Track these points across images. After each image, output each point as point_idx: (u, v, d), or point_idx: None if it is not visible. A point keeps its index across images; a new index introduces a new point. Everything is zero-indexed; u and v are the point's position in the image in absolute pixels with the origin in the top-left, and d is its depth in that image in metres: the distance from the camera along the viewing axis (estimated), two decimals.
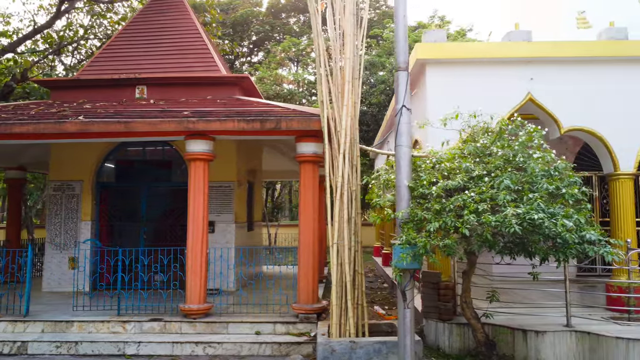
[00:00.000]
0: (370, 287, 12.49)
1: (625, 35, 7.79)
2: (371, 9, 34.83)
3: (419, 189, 5.35)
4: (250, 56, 34.97)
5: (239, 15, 30.88)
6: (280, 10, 35.19)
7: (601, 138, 7.61)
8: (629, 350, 5.96)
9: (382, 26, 30.40)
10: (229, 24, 31.24)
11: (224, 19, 31.36)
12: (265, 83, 25.91)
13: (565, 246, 4.83)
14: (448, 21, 33.16)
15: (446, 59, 7.72)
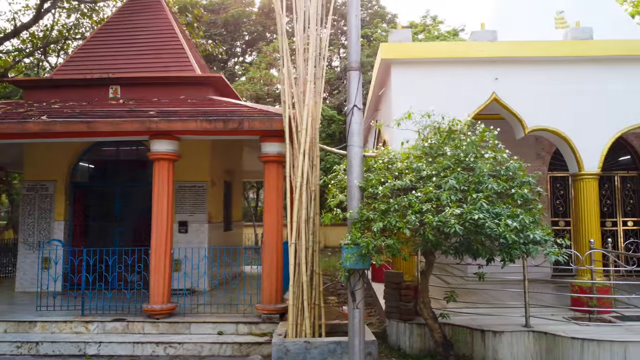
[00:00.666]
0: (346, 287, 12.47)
1: (589, 35, 7.79)
2: (363, 8, 34.83)
3: (369, 189, 5.34)
4: (243, 56, 34.99)
5: (230, 15, 30.86)
6: (273, 10, 35.06)
7: (565, 138, 7.60)
8: (583, 350, 5.95)
9: (374, 26, 30.43)
10: (220, 24, 31.23)
11: (215, 18, 31.40)
12: (255, 83, 25.90)
13: (510, 246, 4.82)
14: (440, 21, 33.19)
15: (411, 59, 7.70)
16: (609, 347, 5.86)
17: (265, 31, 33.46)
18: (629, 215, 11.30)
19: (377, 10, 33.83)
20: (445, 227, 4.65)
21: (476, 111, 7.63)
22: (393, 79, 7.74)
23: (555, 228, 11.23)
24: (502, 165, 5.57)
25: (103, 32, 11.27)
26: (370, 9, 34.19)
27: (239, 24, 31.12)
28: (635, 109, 7.63)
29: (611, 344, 5.87)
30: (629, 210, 11.30)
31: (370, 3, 34.43)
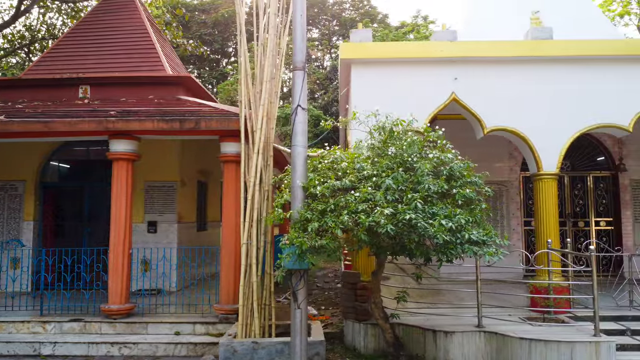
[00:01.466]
0: (323, 287, 12.48)
1: (549, 35, 7.78)
2: (353, 8, 34.88)
3: (310, 189, 5.33)
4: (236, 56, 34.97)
5: (220, 15, 30.85)
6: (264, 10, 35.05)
7: (524, 138, 7.59)
8: (531, 350, 5.95)
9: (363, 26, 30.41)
10: (210, 24, 31.23)
11: (205, 18, 31.40)
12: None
13: (445, 246, 4.81)
14: (432, 21, 33.12)
15: (371, 58, 7.69)
16: (556, 347, 5.86)
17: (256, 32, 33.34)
18: (601, 215, 11.30)
19: (368, 10, 33.84)
20: (378, 227, 4.64)
21: (435, 111, 7.62)
22: (353, 78, 7.73)
23: (528, 228, 11.24)
24: (447, 166, 5.55)
25: (76, 32, 11.26)
26: (361, 9, 34.22)
27: (228, 24, 31.10)
28: (594, 108, 7.62)
29: (558, 344, 5.87)
30: (601, 211, 11.29)
31: (361, 3, 34.47)
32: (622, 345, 6.48)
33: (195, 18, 31.85)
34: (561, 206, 11.27)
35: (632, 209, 11.09)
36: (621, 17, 28.39)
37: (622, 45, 7.66)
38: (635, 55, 7.64)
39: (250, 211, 6.52)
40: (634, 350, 6.44)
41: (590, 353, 5.82)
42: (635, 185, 11.13)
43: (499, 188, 11.23)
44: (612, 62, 7.70)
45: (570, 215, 11.28)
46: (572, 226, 11.27)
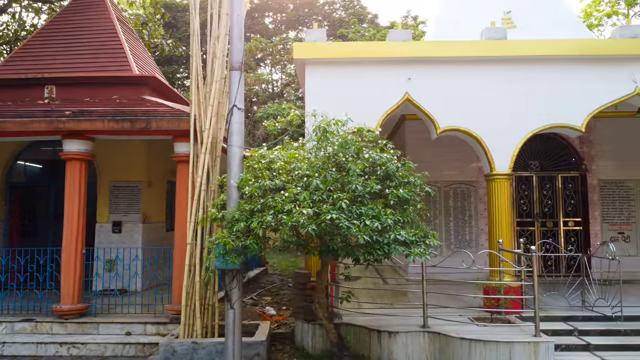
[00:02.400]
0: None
1: (503, 35, 7.77)
2: (342, 8, 34.90)
3: (243, 189, 5.33)
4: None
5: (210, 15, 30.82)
6: (253, 10, 35.24)
7: (477, 138, 7.59)
8: (471, 350, 5.96)
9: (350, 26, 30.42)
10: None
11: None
12: None
13: (372, 246, 4.81)
14: (422, 21, 33.17)
15: (325, 58, 7.69)
16: (495, 348, 5.86)
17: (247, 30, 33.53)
18: (570, 215, 11.29)
19: (358, 10, 33.89)
20: (301, 227, 4.63)
21: (388, 111, 7.62)
22: (307, 78, 7.73)
23: None
24: (383, 166, 5.54)
25: (45, 31, 11.24)
26: (350, 9, 34.26)
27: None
28: (547, 109, 7.62)
29: (497, 344, 5.87)
30: (570, 211, 11.29)
31: (351, 3, 34.52)
32: (567, 345, 6.48)
33: (185, 18, 31.86)
34: (529, 206, 11.30)
35: (600, 209, 11.10)
36: (608, 17, 28.42)
37: (577, 46, 7.65)
38: (589, 55, 7.64)
39: (195, 211, 6.51)
40: (578, 350, 6.44)
41: (529, 353, 5.83)
42: (604, 185, 11.13)
43: (468, 188, 11.25)
44: (567, 62, 7.70)
45: (539, 216, 11.27)
46: (540, 226, 11.27)
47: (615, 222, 11.08)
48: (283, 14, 35.30)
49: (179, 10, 31.88)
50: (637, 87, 7.53)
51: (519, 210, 11.31)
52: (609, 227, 11.07)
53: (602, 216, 11.08)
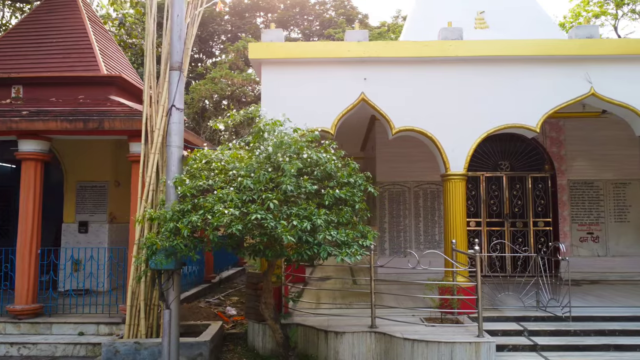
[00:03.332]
0: None
1: (459, 36, 7.77)
2: (334, 8, 34.90)
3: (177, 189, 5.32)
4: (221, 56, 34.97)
5: None
6: (245, 10, 35.26)
7: (432, 138, 7.59)
8: (414, 350, 5.96)
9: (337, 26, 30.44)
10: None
11: None
12: (216, 83, 25.91)
13: (301, 247, 4.80)
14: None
15: (281, 59, 7.68)
16: (436, 348, 5.87)
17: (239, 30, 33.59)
18: (540, 215, 11.30)
19: (348, 10, 33.90)
20: (228, 227, 4.63)
21: (344, 112, 7.62)
22: (263, 79, 7.73)
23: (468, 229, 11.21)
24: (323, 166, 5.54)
25: (16, 31, 11.23)
26: (342, 8, 34.27)
27: (207, 23, 31.11)
28: (503, 109, 7.61)
29: (438, 345, 5.87)
30: (540, 211, 11.29)
31: (342, 3, 34.53)
32: (514, 346, 6.48)
33: None
34: (499, 207, 11.30)
35: (570, 209, 11.11)
36: (596, 17, 28.42)
37: (532, 46, 7.64)
38: (545, 55, 7.64)
39: (143, 210, 6.51)
40: (525, 350, 6.44)
41: (470, 353, 5.83)
42: (573, 185, 11.14)
43: (437, 188, 11.25)
44: (522, 62, 7.69)
45: (509, 216, 11.28)
46: (510, 227, 11.28)
47: (585, 223, 11.08)
48: (274, 14, 35.31)
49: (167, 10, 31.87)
50: (592, 87, 7.53)
51: (489, 211, 11.32)
52: (578, 228, 11.07)
53: (572, 216, 11.09)
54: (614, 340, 6.53)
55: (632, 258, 10.89)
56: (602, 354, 6.30)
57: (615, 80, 7.54)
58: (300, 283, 10.42)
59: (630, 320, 7.06)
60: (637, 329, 6.79)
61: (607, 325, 6.91)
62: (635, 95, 7.48)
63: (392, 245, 11.24)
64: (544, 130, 11.22)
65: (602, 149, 11.04)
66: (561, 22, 29.81)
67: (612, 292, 9.13)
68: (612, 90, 7.51)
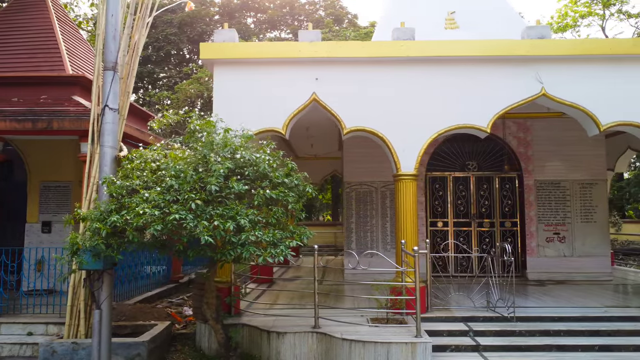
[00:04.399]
0: None
1: (411, 36, 7.76)
2: (323, 8, 34.92)
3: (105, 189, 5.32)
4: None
5: (186, 15, 30.85)
6: (235, 10, 35.25)
7: (382, 138, 7.58)
8: (351, 351, 5.96)
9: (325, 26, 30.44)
10: (176, 24, 31.24)
11: (172, 18, 31.41)
12: (202, 83, 25.94)
13: (224, 247, 4.80)
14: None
15: (233, 59, 7.67)
16: (373, 348, 5.87)
17: None
18: (507, 216, 11.30)
19: (338, 9, 33.91)
20: (149, 227, 4.63)
21: (296, 112, 7.61)
22: (215, 79, 7.72)
23: (433, 229, 11.24)
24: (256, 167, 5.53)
25: None
26: (331, 8, 34.29)
27: (194, 23, 31.13)
28: (454, 109, 7.60)
29: (375, 345, 5.87)
30: (507, 211, 11.30)
31: (332, 3, 34.55)
32: (457, 346, 6.49)
33: (163, 18, 31.86)
34: (467, 207, 11.30)
35: (536, 209, 11.11)
36: (583, 17, 28.43)
37: (484, 46, 7.64)
38: (496, 56, 7.64)
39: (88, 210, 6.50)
40: (467, 351, 6.44)
41: (406, 354, 5.82)
42: (540, 186, 11.14)
43: None
44: (474, 63, 7.69)
45: (476, 216, 11.28)
46: (477, 227, 11.28)
47: (551, 223, 11.08)
48: (264, 14, 35.32)
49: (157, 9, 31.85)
50: (543, 87, 7.53)
51: (456, 211, 11.32)
52: (545, 228, 11.08)
53: (538, 217, 11.09)
54: (557, 341, 6.54)
55: (598, 258, 10.90)
56: (543, 354, 6.31)
57: (567, 80, 7.54)
58: (266, 283, 10.42)
59: (577, 320, 7.06)
60: (582, 329, 6.79)
61: (553, 326, 6.91)
62: (586, 95, 7.48)
63: (359, 245, 11.23)
64: (511, 130, 11.24)
65: (569, 149, 11.03)
66: (549, 22, 29.86)
67: (572, 293, 9.13)
68: (563, 91, 7.51)
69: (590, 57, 7.52)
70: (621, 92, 7.46)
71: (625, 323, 6.99)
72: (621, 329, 6.81)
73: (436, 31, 10.96)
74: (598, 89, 7.48)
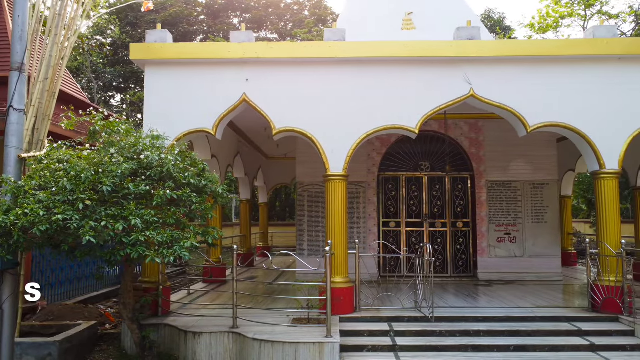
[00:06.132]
0: None
1: (341, 37, 7.76)
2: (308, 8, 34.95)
3: None
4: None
5: (168, 15, 30.87)
6: (220, 11, 35.26)
7: (311, 139, 7.60)
8: (261, 351, 5.99)
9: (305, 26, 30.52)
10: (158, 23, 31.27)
11: (154, 18, 31.42)
12: None
13: (113, 247, 4.82)
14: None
15: (164, 59, 7.69)
16: (281, 348, 5.89)
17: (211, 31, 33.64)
18: (459, 216, 11.32)
19: (322, 10, 33.95)
20: (34, 228, 4.65)
21: (225, 112, 7.63)
22: (146, 80, 7.74)
23: (386, 229, 11.27)
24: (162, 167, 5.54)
25: None
26: (317, 8, 34.34)
27: (177, 23, 31.12)
28: (383, 110, 7.62)
29: (283, 345, 5.90)
30: (459, 212, 11.32)
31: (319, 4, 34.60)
32: (374, 346, 6.49)
33: (146, 18, 31.89)
34: (419, 207, 11.33)
35: (488, 209, 11.13)
36: (562, 18, 28.48)
37: (413, 48, 7.64)
38: (425, 57, 7.65)
39: None
40: (384, 351, 6.44)
41: (314, 354, 5.85)
42: (491, 186, 11.16)
43: (357, 189, 11.27)
44: (404, 64, 7.71)
45: (428, 217, 11.30)
46: (429, 227, 11.30)
47: (502, 223, 11.11)
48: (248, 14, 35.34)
49: (139, 9, 31.90)
50: (472, 88, 7.55)
51: (408, 211, 11.34)
52: (496, 228, 11.10)
53: (489, 217, 11.11)
54: (474, 341, 6.55)
55: (548, 258, 10.92)
56: (458, 354, 6.32)
57: (495, 81, 7.57)
58: (216, 284, 10.43)
59: (501, 320, 7.08)
60: (503, 330, 6.82)
61: (475, 326, 6.93)
62: (514, 96, 7.52)
63: (311, 246, 11.27)
64: (463, 131, 11.26)
65: (521, 149, 11.05)
66: (531, 23, 29.94)
67: (513, 293, 9.16)
68: (491, 92, 7.54)
69: (517, 58, 7.55)
70: (548, 93, 7.50)
71: (547, 323, 7.01)
72: (541, 329, 6.83)
73: (394, 32, 11.00)
74: (525, 90, 7.52)
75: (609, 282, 7.18)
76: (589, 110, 7.46)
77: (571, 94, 7.49)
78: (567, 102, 7.49)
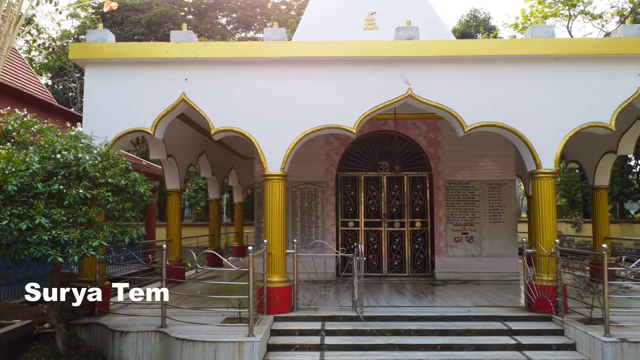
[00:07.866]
0: None
1: (282, 37, 7.74)
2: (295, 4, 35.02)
3: None
4: None
5: (153, 14, 30.87)
6: (206, 10, 35.29)
7: (250, 138, 7.61)
8: (182, 350, 6.01)
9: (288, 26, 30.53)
10: (143, 23, 31.26)
11: (139, 18, 31.42)
12: None
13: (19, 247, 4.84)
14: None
15: (103, 59, 7.68)
16: (202, 347, 5.91)
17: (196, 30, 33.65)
18: (417, 216, 11.34)
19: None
20: None
21: (164, 112, 7.63)
22: (86, 79, 7.74)
23: (345, 229, 11.28)
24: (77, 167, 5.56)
25: None
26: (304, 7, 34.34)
27: (161, 22, 31.13)
28: (321, 110, 7.61)
29: (203, 344, 5.92)
30: (418, 211, 11.34)
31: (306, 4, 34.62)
32: (301, 345, 6.52)
33: (131, 17, 31.92)
34: (377, 207, 11.34)
35: (446, 209, 11.14)
36: (545, 18, 28.49)
37: (351, 48, 7.64)
38: (365, 57, 7.65)
39: None
40: (311, 350, 6.44)
41: (233, 353, 5.86)
42: (449, 186, 11.18)
43: (315, 188, 11.29)
44: (343, 64, 7.71)
45: (386, 216, 11.31)
46: (387, 227, 11.31)
47: (460, 223, 11.12)
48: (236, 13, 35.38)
49: (127, 9, 31.92)
50: (409, 88, 7.56)
51: (367, 211, 11.36)
52: (454, 228, 11.12)
53: (447, 217, 11.13)
54: (402, 340, 6.57)
55: (505, 258, 10.94)
56: (384, 353, 6.34)
57: (432, 81, 7.58)
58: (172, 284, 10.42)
59: (434, 320, 7.10)
60: (434, 329, 6.83)
61: (407, 325, 6.94)
62: (451, 96, 7.53)
63: None
64: (421, 131, 11.28)
65: (478, 149, 11.06)
66: (515, 23, 29.98)
67: (461, 292, 9.17)
68: (429, 92, 7.55)
69: (455, 58, 7.56)
70: (485, 93, 7.51)
71: (479, 322, 7.03)
72: (472, 328, 6.85)
73: (357, 32, 11.02)
74: (463, 90, 7.53)
75: (542, 282, 7.19)
76: (526, 110, 7.48)
77: (508, 94, 7.51)
78: (504, 102, 7.51)
